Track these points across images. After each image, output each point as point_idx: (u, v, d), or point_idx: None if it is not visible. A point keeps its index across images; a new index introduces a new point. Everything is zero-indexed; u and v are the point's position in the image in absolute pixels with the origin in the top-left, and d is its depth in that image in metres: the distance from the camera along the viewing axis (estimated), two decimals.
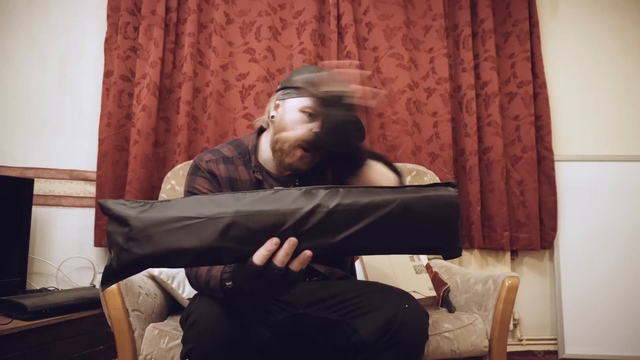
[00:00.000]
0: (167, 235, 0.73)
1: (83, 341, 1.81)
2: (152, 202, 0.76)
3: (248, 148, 1.24)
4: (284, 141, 1.14)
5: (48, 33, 2.29)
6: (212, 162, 1.19)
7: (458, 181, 2.34)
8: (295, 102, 1.15)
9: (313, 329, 1.13)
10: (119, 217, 0.75)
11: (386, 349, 1.01)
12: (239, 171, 1.20)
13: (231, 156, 1.22)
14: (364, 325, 1.03)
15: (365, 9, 2.34)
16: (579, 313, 2.33)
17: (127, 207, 0.76)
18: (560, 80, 2.53)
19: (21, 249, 1.99)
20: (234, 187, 1.19)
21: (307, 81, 1.08)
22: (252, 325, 0.98)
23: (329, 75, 1.07)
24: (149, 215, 0.74)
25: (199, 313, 0.96)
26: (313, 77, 1.07)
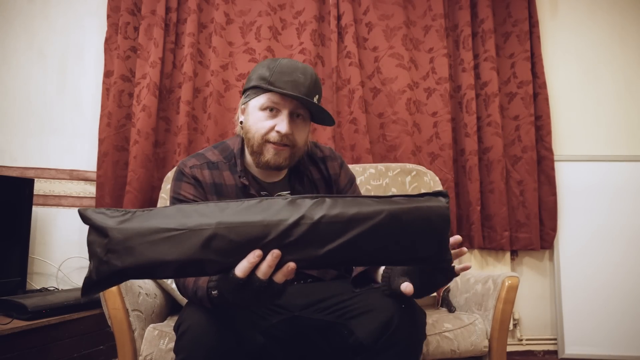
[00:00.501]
0: (147, 246, 0.70)
1: (83, 341, 1.82)
2: (133, 211, 0.73)
3: (234, 152, 1.21)
4: (253, 141, 1.13)
5: (48, 33, 2.29)
6: (196, 168, 1.17)
7: (458, 181, 2.34)
8: (254, 102, 1.13)
9: (309, 332, 1.12)
10: (98, 228, 0.72)
11: (384, 349, 1.00)
12: (224, 176, 1.17)
13: (216, 161, 1.19)
14: (361, 326, 1.03)
15: (365, 9, 2.34)
16: (579, 313, 2.33)
17: (107, 216, 0.72)
18: (560, 80, 2.53)
19: (21, 249, 2.00)
20: (220, 192, 1.16)
21: (260, 78, 1.09)
22: (245, 331, 0.97)
23: (282, 68, 1.08)
24: (129, 225, 0.71)
25: (190, 322, 0.95)
26: (265, 73, 1.08)
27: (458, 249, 0.92)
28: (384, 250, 0.75)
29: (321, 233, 0.72)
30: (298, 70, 1.11)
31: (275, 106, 1.10)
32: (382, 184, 2.01)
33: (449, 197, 0.81)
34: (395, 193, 2.01)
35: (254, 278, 0.74)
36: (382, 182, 2.02)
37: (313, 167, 1.26)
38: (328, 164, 1.27)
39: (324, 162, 1.27)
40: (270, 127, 1.10)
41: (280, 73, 1.09)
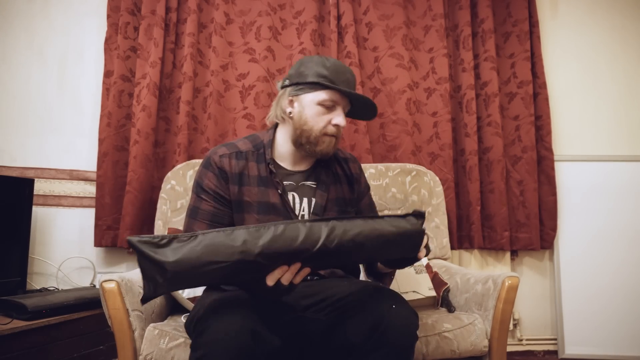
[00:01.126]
0: (200, 276, 0.88)
1: (83, 341, 1.81)
2: (179, 240, 0.87)
3: (263, 142, 1.29)
4: (309, 134, 1.22)
5: (48, 33, 2.29)
6: (225, 157, 1.24)
7: (458, 181, 2.34)
8: (312, 96, 1.21)
9: (311, 332, 1.14)
10: (155, 262, 0.86)
11: (374, 350, 1.01)
12: (249, 166, 1.25)
13: (245, 150, 1.27)
14: (352, 326, 1.05)
15: (365, 9, 2.34)
16: (579, 313, 2.33)
17: (157, 246, 0.87)
18: (560, 80, 2.53)
19: (21, 249, 1.99)
20: (243, 182, 1.23)
21: (319, 75, 1.19)
22: (263, 333, 0.98)
23: (336, 67, 1.19)
24: (184, 259, 0.85)
25: (211, 321, 0.97)
26: (323, 71, 1.19)
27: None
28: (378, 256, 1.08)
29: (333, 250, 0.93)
30: (347, 70, 1.23)
31: (334, 103, 1.21)
32: (382, 184, 2.02)
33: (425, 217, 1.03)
34: (394, 193, 2.01)
35: (279, 284, 0.94)
36: (382, 182, 2.02)
37: (337, 164, 1.37)
38: (350, 165, 1.40)
39: (347, 162, 1.39)
40: (328, 121, 1.22)
41: (337, 72, 1.20)
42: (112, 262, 2.21)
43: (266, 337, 0.98)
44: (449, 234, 2.12)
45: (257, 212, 1.21)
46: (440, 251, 2.00)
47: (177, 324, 1.36)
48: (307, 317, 1.15)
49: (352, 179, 1.38)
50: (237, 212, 1.22)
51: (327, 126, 1.22)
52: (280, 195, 1.23)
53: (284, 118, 1.26)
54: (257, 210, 1.21)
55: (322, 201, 1.27)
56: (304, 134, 1.22)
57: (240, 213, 1.22)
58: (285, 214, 1.23)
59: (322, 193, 1.28)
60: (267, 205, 1.22)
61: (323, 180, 1.30)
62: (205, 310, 1.02)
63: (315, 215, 1.25)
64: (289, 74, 1.27)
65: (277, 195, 1.24)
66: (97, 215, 2.11)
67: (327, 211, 1.28)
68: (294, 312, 1.15)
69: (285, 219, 1.21)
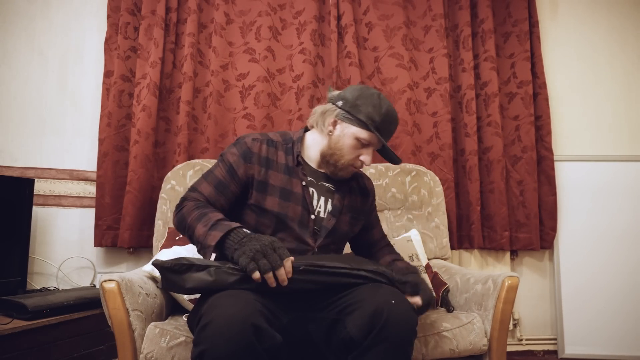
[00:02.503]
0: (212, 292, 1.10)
1: (83, 341, 1.82)
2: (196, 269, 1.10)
3: (292, 139, 1.37)
4: (339, 159, 1.31)
5: (48, 33, 2.29)
6: (257, 141, 1.32)
7: (458, 181, 2.34)
8: (355, 130, 1.29)
9: (312, 329, 1.15)
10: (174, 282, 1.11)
11: (374, 345, 1.03)
12: (278, 155, 1.33)
13: (276, 140, 1.35)
14: (352, 322, 1.07)
15: (365, 9, 2.34)
16: (579, 313, 2.33)
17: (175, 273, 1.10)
18: (560, 80, 2.53)
19: (21, 249, 2.00)
20: (270, 166, 1.30)
21: (370, 118, 1.27)
22: (265, 329, 0.99)
23: (388, 117, 1.28)
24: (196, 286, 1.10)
25: (213, 315, 0.98)
26: (375, 116, 1.27)
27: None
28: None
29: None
30: (394, 120, 1.32)
31: (370, 143, 1.30)
32: (382, 183, 2.02)
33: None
34: (394, 193, 2.01)
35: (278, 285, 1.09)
36: (382, 182, 2.02)
37: (352, 177, 1.43)
38: (365, 181, 1.50)
39: (362, 178, 1.49)
40: (358, 156, 1.32)
41: (386, 122, 1.29)
42: (112, 262, 2.21)
43: (268, 333, 0.99)
44: (449, 234, 2.12)
45: (279, 196, 1.28)
46: (440, 251, 2.00)
47: (177, 323, 1.36)
48: (309, 316, 1.16)
49: (365, 192, 1.47)
50: (259, 191, 1.28)
51: (355, 160, 1.31)
52: (302, 187, 1.31)
53: (323, 131, 1.34)
54: (279, 195, 1.28)
55: (340, 205, 1.35)
56: (334, 157, 1.31)
57: (263, 193, 1.28)
58: (304, 205, 1.30)
59: (340, 197, 1.36)
60: (289, 193, 1.29)
61: (341, 187, 1.38)
62: (207, 306, 1.02)
63: (331, 215, 1.34)
64: (344, 96, 1.32)
65: (299, 186, 1.31)
66: (97, 215, 2.11)
67: (342, 215, 1.36)
68: (296, 311, 1.16)
69: (304, 209, 1.30)
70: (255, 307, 1.02)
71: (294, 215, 1.28)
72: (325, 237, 1.31)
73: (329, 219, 1.33)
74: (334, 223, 1.32)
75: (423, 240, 1.95)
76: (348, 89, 1.34)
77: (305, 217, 1.29)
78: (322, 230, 1.31)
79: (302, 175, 1.31)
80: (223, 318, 0.97)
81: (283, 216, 1.26)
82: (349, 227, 1.39)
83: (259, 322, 0.98)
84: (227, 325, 0.95)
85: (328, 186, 1.36)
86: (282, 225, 1.27)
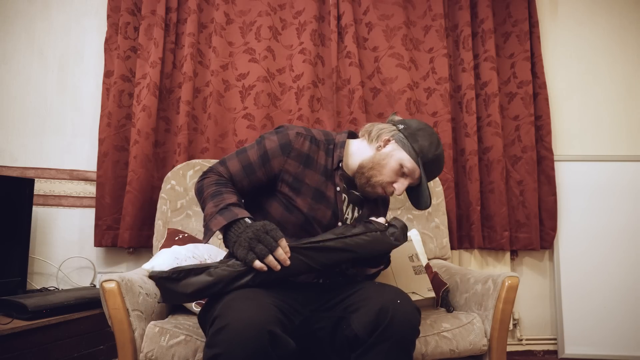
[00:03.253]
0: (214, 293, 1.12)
1: (83, 341, 1.82)
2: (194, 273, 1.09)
3: (335, 141, 1.33)
4: (374, 176, 1.28)
5: (48, 33, 2.29)
6: (300, 136, 1.27)
7: (458, 181, 2.34)
8: (404, 156, 1.27)
9: (319, 330, 1.16)
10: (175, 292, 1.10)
11: (378, 343, 1.04)
12: (319, 154, 1.28)
13: (319, 139, 1.30)
14: (357, 320, 1.07)
15: (365, 9, 2.34)
16: (579, 313, 2.33)
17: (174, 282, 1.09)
18: (560, 80, 2.53)
19: (21, 249, 2.00)
20: (309, 165, 1.26)
21: (423, 152, 1.27)
22: (280, 335, 0.99)
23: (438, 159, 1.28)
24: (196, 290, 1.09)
25: (230, 319, 0.97)
26: (428, 153, 1.27)
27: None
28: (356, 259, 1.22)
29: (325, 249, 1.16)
30: (441, 165, 1.32)
31: (409, 174, 1.28)
32: None
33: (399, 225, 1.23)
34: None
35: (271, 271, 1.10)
36: None
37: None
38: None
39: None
40: (393, 181, 1.28)
41: (434, 162, 1.29)
42: (112, 262, 2.21)
43: (282, 340, 0.99)
44: (449, 234, 2.12)
45: (312, 197, 1.25)
46: (440, 251, 2.00)
47: (177, 321, 1.36)
48: (315, 317, 1.17)
49: (386, 203, 1.46)
50: (293, 188, 1.24)
51: (389, 185, 1.28)
52: (336, 192, 1.28)
53: (373, 143, 1.31)
54: (312, 195, 1.25)
55: (367, 215, 1.33)
56: (372, 171, 1.28)
57: (297, 191, 1.24)
58: (334, 210, 1.27)
59: (368, 208, 1.35)
60: (322, 195, 1.26)
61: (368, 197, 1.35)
62: (222, 307, 1.02)
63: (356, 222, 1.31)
64: (408, 124, 1.31)
65: (333, 191, 1.27)
66: (97, 215, 2.11)
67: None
68: (305, 312, 1.17)
69: (334, 213, 1.27)
70: (272, 312, 1.02)
71: (322, 219, 1.25)
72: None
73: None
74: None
75: (423, 240, 1.95)
76: (414, 120, 1.33)
77: (332, 223, 1.26)
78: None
79: (339, 181, 1.28)
80: (240, 322, 0.96)
81: (311, 218, 1.24)
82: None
83: (275, 329, 0.98)
84: (244, 330, 0.95)
85: (357, 195, 1.34)
86: (308, 226, 1.24)
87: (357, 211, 1.33)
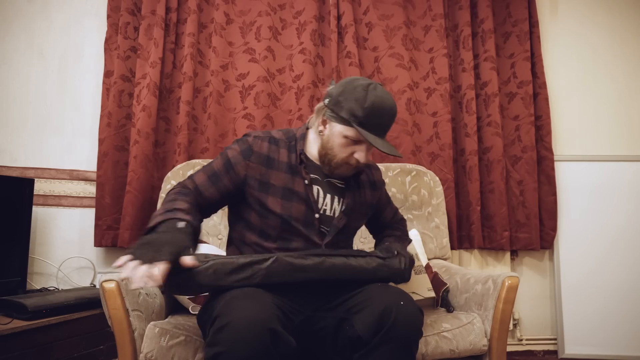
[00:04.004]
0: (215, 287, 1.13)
1: (83, 341, 1.82)
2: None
3: (295, 136, 1.34)
4: (332, 159, 1.26)
5: (48, 33, 2.29)
6: (258, 139, 1.30)
7: (458, 181, 2.34)
8: (340, 128, 1.23)
9: (321, 330, 1.16)
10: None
11: (381, 344, 1.04)
12: (280, 153, 1.30)
13: (278, 138, 1.32)
14: (360, 321, 1.07)
15: (365, 9, 2.34)
16: (579, 313, 2.33)
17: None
18: (560, 80, 2.53)
19: (21, 249, 2.00)
20: (271, 165, 1.28)
21: (352, 114, 1.20)
22: (282, 333, 0.99)
23: (373, 109, 1.19)
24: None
25: (231, 317, 0.97)
26: (357, 111, 1.19)
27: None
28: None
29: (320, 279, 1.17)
30: (385, 112, 1.21)
31: (358, 140, 1.23)
32: None
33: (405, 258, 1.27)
34: (394, 193, 2.01)
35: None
36: None
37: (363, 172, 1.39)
38: (374, 172, 1.45)
39: (370, 169, 1.44)
40: (351, 154, 1.25)
41: (371, 116, 1.19)
42: (112, 262, 2.20)
43: (284, 338, 0.99)
44: (449, 234, 2.12)
45: (281, 196, 1.25)
46: (440, 251, 2.00)
47: (177, 322, 1.36)
48: (317, 317, 1.17)
49: (375, 185, 1.43)
50: (261, 191, 1.25)
51: (350, 157, 1.25)
52: (305, 186, 1.27)
53: (316, 129, 1.31)
54: (281, 195, 1.26)
55: (352, 203, 1.32)
56: (328, 156, 1.26)
57: (265, 193, 1.25)
58: (308, 204, 1.26)
59: (352, 195, 1.32)
60: (291, 192, 1.26)
61: (351, 183, 1.34)
62: (223, 306, 1.02)
63: (343, 214, 1.30)
64: (331, 93, 1.26)
65: (302, 185, 1.27)
66: (97, 215, 2.11)
67: (354, 213, 1.33)
68: (306, 311, 1.17)
69: (308, 208, 1.26)
70: (273, 310, 1.02)
71: (298, 215, 1.25)
72: (335, 236, 1.28)
73: (340, 217, 1.29)
74: (345, 222, 1.30)
75: (423, 240, 1.95)
76: (339, 84, 1.27)
77: (310, 217, 1.26)
78: (332, 229, 1.28)
79: (305, 174, 1.27)
80: (241, 321, 0.96)
81: (287, 217, 1.24)
82: (357, 223, 1.38)
83: (276, 327, 0.98)
84: (246, 328, 0.95)
85: (336, 183, 1.32)
86: (288, 226, 1.25)
87: (338, 201, 1.31)
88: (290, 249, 1.24)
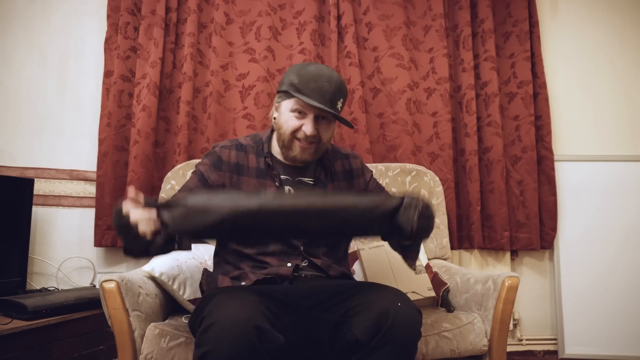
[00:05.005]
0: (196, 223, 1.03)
1: (83, 341, 1.82)
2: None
3: (262, 139, 1.36)
4: (283, 137, 1.27)
5: (48, 33, 2.29)
6: (225, 148, 1.33)
7: (458, 181, 2.34)
8: (285, 104, 1.26)
9: (315, 331, 1.15)
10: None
11: (379, 347, 1.03)
12: (249, 158, 1.33)
13: (246, 144, 1.35)
14: (358, 324, 1.06)
15: (365, 9, 2.34)
16: (579, 313, 2.33)
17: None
18: (560, 80, 2.53)
19: (21, 249, 2.00)
20: (240, 171, 1.31)
21: (290, 84, 1.22)
22: (268, 331, 0.99)
23: (309, 75, 1.20)
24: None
25: (216, 316, 0.98)
26: (294, 79, 1.21)
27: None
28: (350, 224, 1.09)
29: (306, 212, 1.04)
30: (323, 78, 1.21)
31: (302, 109, 1.23)
32: (382, 184, 2.01)
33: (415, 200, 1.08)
34: (394, 193, 2.00)
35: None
36: (382, 182, 2.02)
37: (337, 161, 1.42)
38: (351, 160, 1.45)
39: (347, 158, 1.45)
40: (298, 127, 1.24)
41: (307, 81, 1.21)
42: (112, 262, 2.21)
43: (270, 334, 1.00)
44: (449, 234, 2.12)
45: None
46: (440, 251, 2.00)
47: (177, 323, 1.36)
48: (311, 317, 1.16)
49: (351, 174, 1.42)
50: None
51: (297, 131, 1.25)
52: (277, 188, 1.29)
53: (274, 122, 1.32)
54: None
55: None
56: (280, 137, 1.28)
57: None
58: None
59: (323, 190, 1.33)
60: None
61: (321, 179, 1.34)
62: (210, 307, 1.03)
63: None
64: (280, 81, 1.30)
65: (273, 188, 1.29)
66: (97, 215, 2.11)
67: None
68: (298, 312, 1.16)
69: None
70: (258, 308, 1.02)
71: None
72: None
73: None
74: None
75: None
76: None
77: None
78: None
79: (274, 176, 1.29)
80: (226, 319, 0.97)
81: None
82: None
83: (262, 323, 0.98)
84: (230, 326, 0.96)
85: (306, 180, 1.33)
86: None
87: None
88: (268, 252, 1.26)
